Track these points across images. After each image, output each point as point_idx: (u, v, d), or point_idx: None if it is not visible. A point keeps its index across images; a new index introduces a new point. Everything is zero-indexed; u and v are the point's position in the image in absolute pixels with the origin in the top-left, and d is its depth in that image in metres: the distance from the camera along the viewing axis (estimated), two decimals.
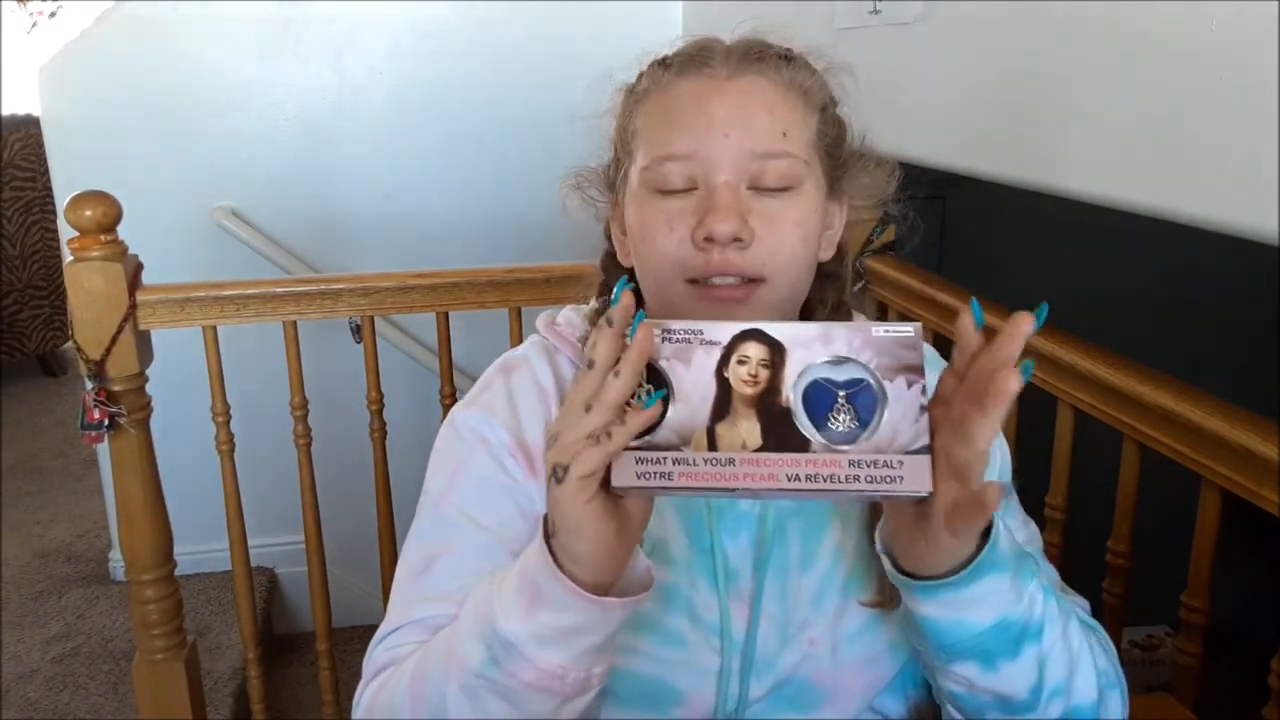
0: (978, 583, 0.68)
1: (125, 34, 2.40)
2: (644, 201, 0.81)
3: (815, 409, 0.62)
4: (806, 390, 0.62)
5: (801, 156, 0.80)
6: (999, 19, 1.40)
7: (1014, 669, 0.73)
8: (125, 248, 1.58)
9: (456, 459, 0.88)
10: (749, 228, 0.77)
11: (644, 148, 0.81)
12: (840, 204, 0.87)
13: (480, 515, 0.85)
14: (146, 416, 1.63)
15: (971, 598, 0.69)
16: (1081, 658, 0.77)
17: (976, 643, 0.71)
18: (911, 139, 1.54)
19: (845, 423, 0.62)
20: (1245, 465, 1.05)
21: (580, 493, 0.62)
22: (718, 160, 0.78)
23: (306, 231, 2.54)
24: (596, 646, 0.68)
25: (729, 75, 0.80)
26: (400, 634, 0.83)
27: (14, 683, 2.22)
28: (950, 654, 0.73)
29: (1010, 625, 0.71)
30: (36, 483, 3.31)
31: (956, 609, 0.70)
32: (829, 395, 0.62)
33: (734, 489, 0.62)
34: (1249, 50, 1.00)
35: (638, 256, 0.84)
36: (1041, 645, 0.73)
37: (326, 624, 1.83)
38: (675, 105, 0.80)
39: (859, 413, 0.62)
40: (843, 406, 0.62)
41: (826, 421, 0.62)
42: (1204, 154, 1.09)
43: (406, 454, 1.87)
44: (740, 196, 0.78)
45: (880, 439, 0.62)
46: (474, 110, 2.55)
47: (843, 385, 0.63)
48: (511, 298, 1.73)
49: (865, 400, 0.62)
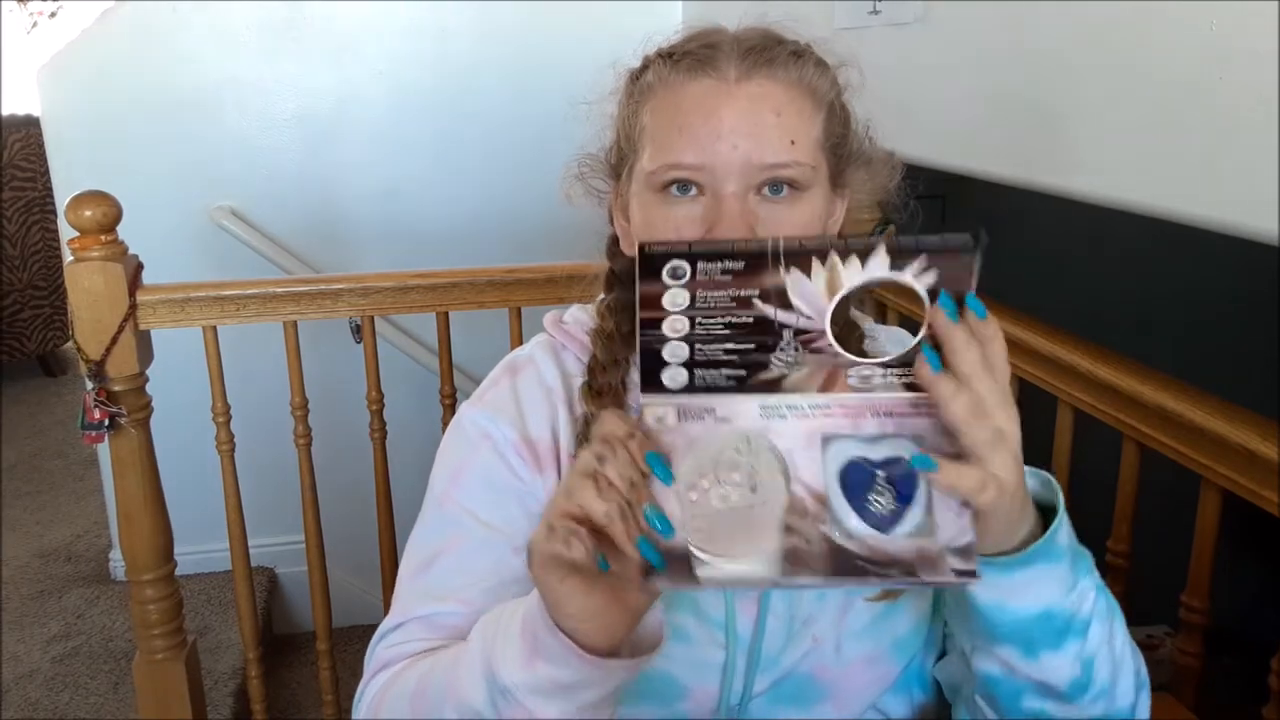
0: (1028, 568, 0.68)
1: (125, 34, 2.40)
2: (650, 203, 0.81)
3: (854, 491, 0.58)
4: (843, 472, 0.58)
5: (808, 163, 0.79)
6: (998, 19, 1.40)
7: (1056, 659, 0.73)
8: (125, 248, 1.58)
9: (461, 457, 0.88)
10: (756, 235, 0.77)
11: (651, 149, 0.81)
12: (842, 195, 0.87)
13: (483, 513, 0.85)
14: (147, 416, 1.63)
15: (1020, 582, 0.68)
16: (1124, 662, 0.77)
17: (1020, 627, 0.71)
18: (911, 139, 1.54)
19: (886, 505, 0.58)
20: (1245, 465, 1.05)
21: (549, 574, 0.62)
22: (725, 171, 0.77)
23: (306, 231, 2.54)
24: (597, 700, 0.67)
25: (737, 78, 0.79)
26: (402, 631, 0.83)
27: (14, 682, 2.22)
28: (992, 636, 0.73)
29: (1055, 616, 0.71)
30: (37, 483, 3.31)
31: (1002, 591, 0.69)
32: (867, 475, 0.58)
33: (776, 582, 0.58)
34: (1249, 50, 1.00)
35: None
36: (1087, 642, 0.73)
37: (326, 624, 1.83)
38: (683, 110, 0.79)
39: (899, 490, 0.58)
40: (883, 487, 0.58)
41: (866, 504, 0.58)
42: (1204, 154, 1.09)
43: (406, 454, 1.87)
44: (747, 205, 0.78)
45: (923, 538, 0.58)
46: (474, 110, 2.55)
47: (880, 464, 0.59)
48: (511, 298, 1.73)
49: (906, 478, 0.58)
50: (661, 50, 0.83)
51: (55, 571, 2.72)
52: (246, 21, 2.42)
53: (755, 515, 0.58)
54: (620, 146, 0.87)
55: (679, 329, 0.60)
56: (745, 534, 0.57)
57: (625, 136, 0.85)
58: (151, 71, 2.41)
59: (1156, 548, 1.27)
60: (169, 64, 2.41)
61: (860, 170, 0.87)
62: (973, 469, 0.59)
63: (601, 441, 0.60)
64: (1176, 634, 1.21)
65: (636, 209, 0.83)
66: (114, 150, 2.40)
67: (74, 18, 2.38)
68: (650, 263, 0.60)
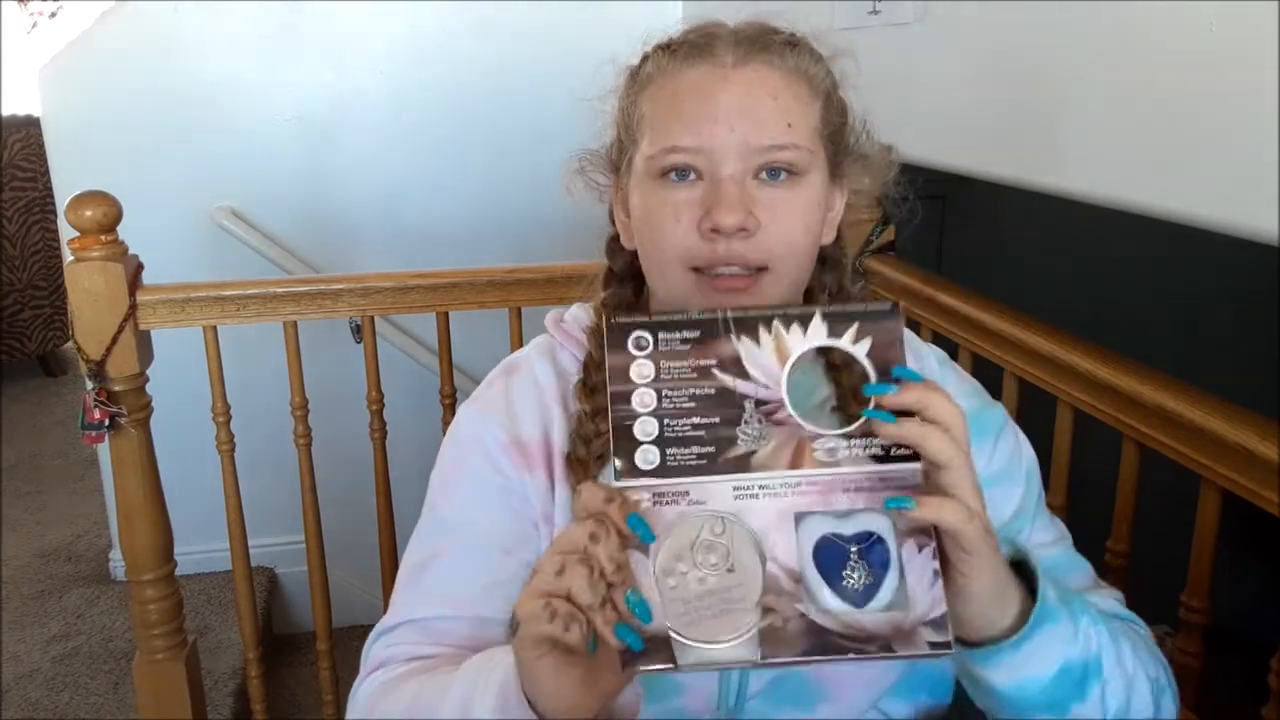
0: (1035, 637, 0.69)
1: (126, 34, 2.40)
2: (649, 190, 0.82)
3: (828, 568, 0.60)
4: (817, 549, 0.60)
5: (806, 146, 0.80)
6: (998, 19, 1.40)
7: (1085, 708, 0.74)
8: (125, 248, 1.58)
9: (453, 461, 0.90)
10: (754, 218, 0.78)
11: (649, 135, 0.81)
12: (841, 187, 0.88)
13: (473, 516, 0.87)
14: (147, 416, 1.64)
15: (1029, 654, 0.69)
16: (1137, 678, 0.78)
17: (1044, 696, 0.72)
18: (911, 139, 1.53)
19: (861, 579, 0.59)
20: (1245, 465, 1.05)
21: (528, 651, 0.63)
22: (723, 153, 0.78)
23: (306, 231, 2.54)
24: None
25: (734, 63, 0.80)
26: (397, 633, 0.86)
27: (14, 682, 2.22)
28: (1021, 711, 0.73)
29: (1072, 669, 0.72)
30: (37, 483, 3.31)
31: (1015, 670, 0.70)
32: (841, 551, 0.60)
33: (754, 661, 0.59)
34: (1249, 50, 1.00)
35: (641, 242, 0.85)
36: (1104, 677, 0.74)
37: (326, 624, 1.83)
38: (681, 95, 0.80)
39: (872, 565, 0.60)
40: (855, 563, 0.60)
41: (841, 580, 0.59)
42: (1204, 154, 1.09)
43: (406, 454, 1.87)
44: (745, 188, 0.78)
45: (898, 611, 0.59)
46: (474, 110, 2.54)
47: (853, 539, 0.60)
48: (511, 298, 1.73)
49: (878, 552, 0.60)
50: (660, 43, 0.84)
51: (55, 571, 2.72)
52: (246, 21, 2.42)
53: (733, 596, 0.59)
54: (620, 140, 0.87)
55: (648, 404, 0.63)
56: (724, 615, 0.58)
57: (625, 127, 0.86)
58: (151, 71, 2.41)
59: (1156, 548, 1.27)
60: (169, 64, 2.41)
61: (858, 164, 0.87)
62: (954, 500, 0.61)
63: (590, 518, 0.61)
64: (1176, 634, 1.21)
65: (636, 198, 0.84)
66: (114, 150, 2.40)
67: (74, 18, 2.38)
68: (616, 334, 0.64)
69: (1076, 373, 1.27)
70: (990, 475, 0.89)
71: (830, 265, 0.90)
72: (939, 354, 0.94)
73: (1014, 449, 0.91)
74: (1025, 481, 0.90)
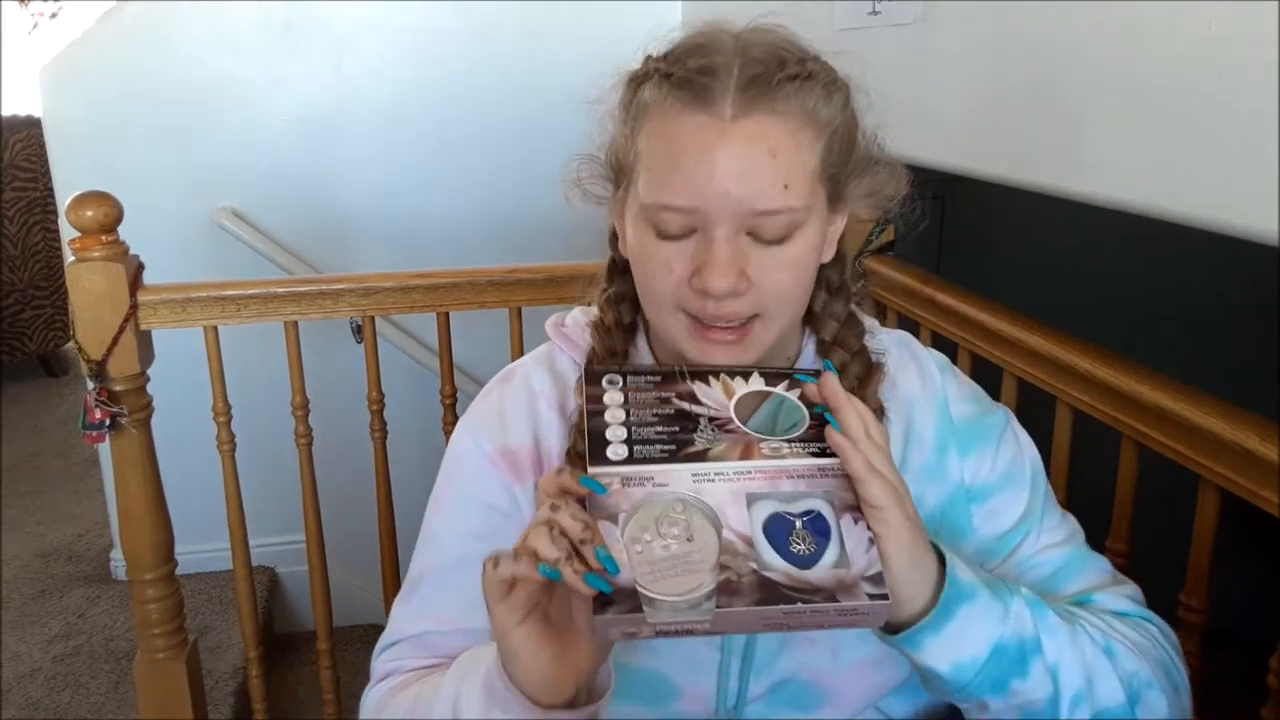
0: (952, 616, 0.72)
1: (126, 34, 2.40)
2: (644, 233, 0.80)
3: (777, 538, 0.68)
4: (767, 523, 0.68)
5: (802, 205, 0.77)
6: (998, 19, 1.40)
7: (1027, 685, 0.75)
8: (126, 248, 1.58)
9: (445, 476, 0.93)
10: (745, 278, 0.77)
11: (646, 179, 0.79)
12: (842, 211, 0.85)
13: (462, 530, 0.89)
14: (147, 416, 1.64)
15: (955, 633, 0.72)
16: (1098, 665, 0.78)
17: (983, 677, 0.74)
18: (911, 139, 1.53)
19: (806, 547, 0.68)
20: (1244, 465, 1.05)
21: (506, 619, 0.68)
22: (717, 215, 0.76)
23: (306, 231, 2.54)
24: None
25: (734, 115, 0.75)
26: (397, 649, 0.90)
27: (15, 682, 2.22)
28: (965, 694, 0.75)
29: (1006, 647, 0.74)
30: (37, 482, 3.31)
31: (946, 653, 0.73)
32: (788, 524, 0.69)
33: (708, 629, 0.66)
34: (1249, 50, 1.00)
35: (636, 276, 0.84)
36: (1045, 657, 0.75)
37: (327, 623, 1.83)
38: (676, 148, 0.77)
39: (816, 536, 0.68)
40: (800, 532, 0.68)
41: (789, 548, 0.68)
42: (1204, 154, 1.09)
43: (406, 454, 1.88)
44: (738, 247, 0.77)
45: (839, 570, 0.67)
46: (474, 110, 2.55)
47: (798, 516, 0.69)
48: (511, 298, 1.73)
49: (819, 524, 0.69)
50: (660, 66, 0.79)
51: (56, 571, 2.72)
52: (246, 21, 2.42)
53: (693, 560, 0.66)
54: (619, 158, 0.85)
55: (618, 418, 0.74)
56: (685, 575, 0.66)
57: (623, 153, 0.83)
58: (152, 71, 2.41)
59: (1155, 547, 1.27)
60: (169, 64, 2.41)
61: (864, 179, 0.84)
62: (861, 454, 0.71)
63: (548, 495, 0.69)
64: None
65: (632, 232, 0.82)
66: (115, 150, 2.40)
67: (75, 18, 2.38)
68: (592, 374, 0.77)
69: (1076, 373, 1.27)
70: (994, 481, 0.89)
71: (837, 294, 0.89)
72: (939, 360, 0.94)
73: (1016, 453, 0.91)
74: (1030, 485, 0.90)
